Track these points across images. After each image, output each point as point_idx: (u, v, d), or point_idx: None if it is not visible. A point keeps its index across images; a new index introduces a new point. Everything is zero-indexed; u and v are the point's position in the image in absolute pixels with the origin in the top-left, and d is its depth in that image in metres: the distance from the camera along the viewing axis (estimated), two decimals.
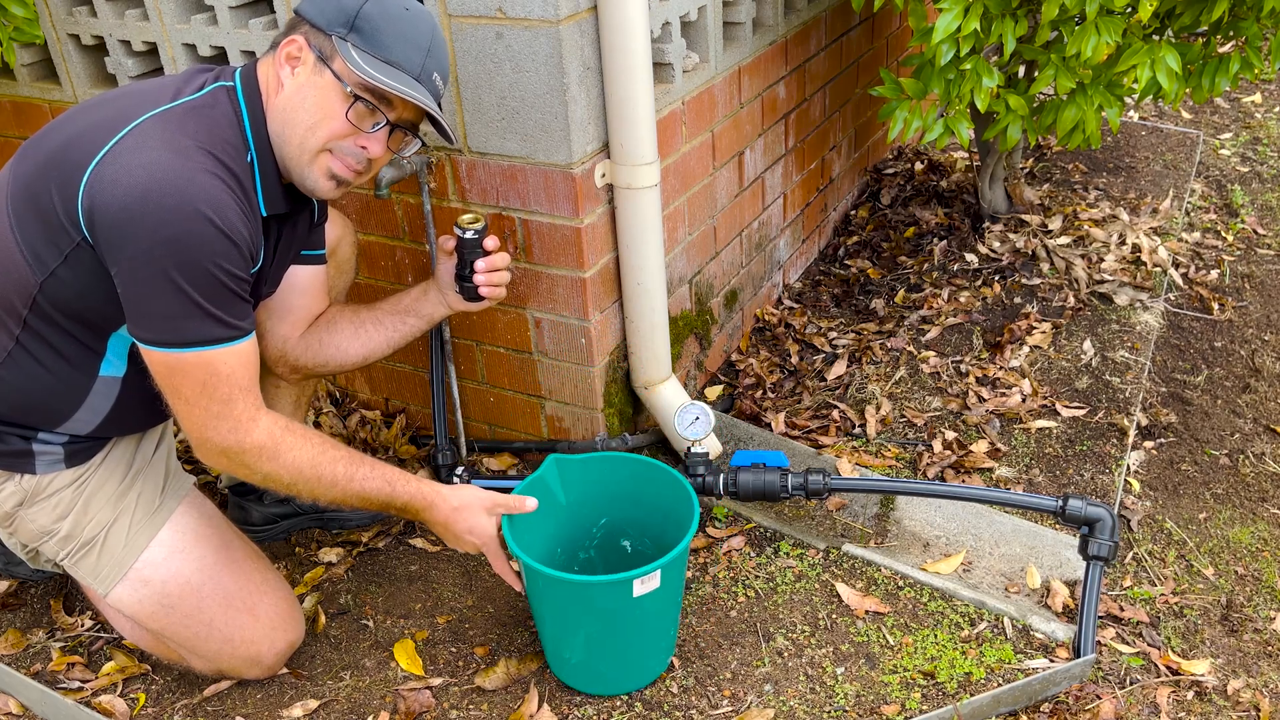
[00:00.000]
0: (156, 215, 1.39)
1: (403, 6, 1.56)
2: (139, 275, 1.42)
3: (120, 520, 1.72)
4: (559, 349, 2.20)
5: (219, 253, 1.44)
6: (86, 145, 1.44)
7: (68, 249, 1.46)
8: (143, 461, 1.78)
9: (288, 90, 1.55)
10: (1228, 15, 2.49)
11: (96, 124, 1.47)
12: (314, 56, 1.53)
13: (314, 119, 1.55)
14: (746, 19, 2.45)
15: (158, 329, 1.46)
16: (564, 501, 1.91)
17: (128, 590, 1.72)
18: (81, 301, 1.52)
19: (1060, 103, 2.56)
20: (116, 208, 1.39)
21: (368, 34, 1.52)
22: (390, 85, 1.51)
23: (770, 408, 2.59)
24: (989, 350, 2.70)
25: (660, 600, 1.72)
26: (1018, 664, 1.85)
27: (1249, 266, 3.22)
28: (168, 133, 1.45)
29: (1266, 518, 2.27)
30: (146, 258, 1.41)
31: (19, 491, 1.67)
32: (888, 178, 3.68)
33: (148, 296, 1.44)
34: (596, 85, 1.96)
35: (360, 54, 1.51)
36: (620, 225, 2.10)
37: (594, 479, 1.92)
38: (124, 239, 1.40)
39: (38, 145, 1.53)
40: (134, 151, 1.42)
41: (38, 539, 1.71)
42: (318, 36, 1.53)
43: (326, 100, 1.53)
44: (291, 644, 1.86)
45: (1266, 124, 4.27)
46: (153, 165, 1.40)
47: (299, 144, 1.56)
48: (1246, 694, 1.82)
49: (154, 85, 1.56)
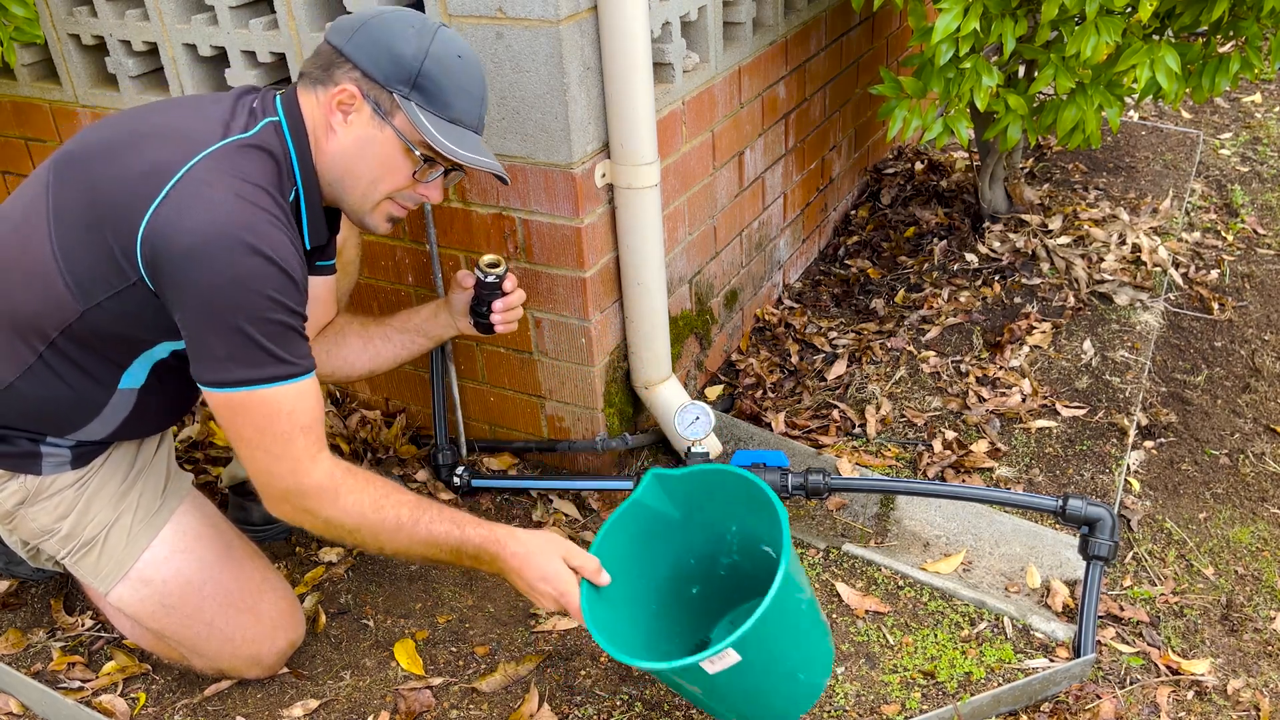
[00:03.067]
0: (221, 259, 1.40)
1: (455, 55, 1.57)
2: (203, 319, 1.43)
3: (121, 520, 1.72)
4: (559, 349, 2.20)
5: (281, 292, 1.45)
6: (142, 188, 1.43)
7: (121, 286, 1.47)
8: (144, 462, 1.78)
9: (344, 140, 1.56)
10: (1228, 15, 2.49)
11: (150, 166, 1.45)
12: (370, 109, 1.54)
13: (377, 174, 1.58)
14: (746, 19, 2.45)
15: (220, 370, 1.46)
16: (678, 516, 1.74)
17: (129, 590, 1.73)
18: (120, 329, 1.53)
19: (1060, 102, 2.56)
20: (180, 254, 1.40)
21: (430, 93, 1.54)
22: (463, 157, 1.54)
23: (770, 408, 2.59)
24: (989, 350, 2.70)
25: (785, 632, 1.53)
26: (1018, 664, 1.85)
27: (1249, 266, 3.22)
28: (223, 175, 1.45)
29: (1266, 518, 2.27)
30: (211, 302, 1.41)
31: (21, 490, 1.67)
32: (888, 178, 3.68)
33: (211, 339, 1.44)
34: (596, 85, 1.96)
35: (425, 115, 1.54)
36: (620, 225, 2.10)
37: (704, 491, 1.72)
38: (188, 284, 1.41)
39: (81, 170, 1.51)
40: (193, 197, 1.42)
41: (38, 537, 1.72)
42: (373, 88, 1.53)
43: (389, 156, 1.57)
44: (292, 643, 1.86)
45: (1266, 124, 4.27)
46: (214, 211, 1.41)
47: (362, 195, 1.60)
48: (1246, 694, 1.82)
49: (201, 116, 1.54)
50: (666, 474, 1.69)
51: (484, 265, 1.89)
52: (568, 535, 2.19)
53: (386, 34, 1.53)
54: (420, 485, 2.33)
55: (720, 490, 1.68)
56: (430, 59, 1.53)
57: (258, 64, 2.19)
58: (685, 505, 1.73)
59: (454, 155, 1.54)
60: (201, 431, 2.50)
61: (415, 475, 2.35)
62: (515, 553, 1.61)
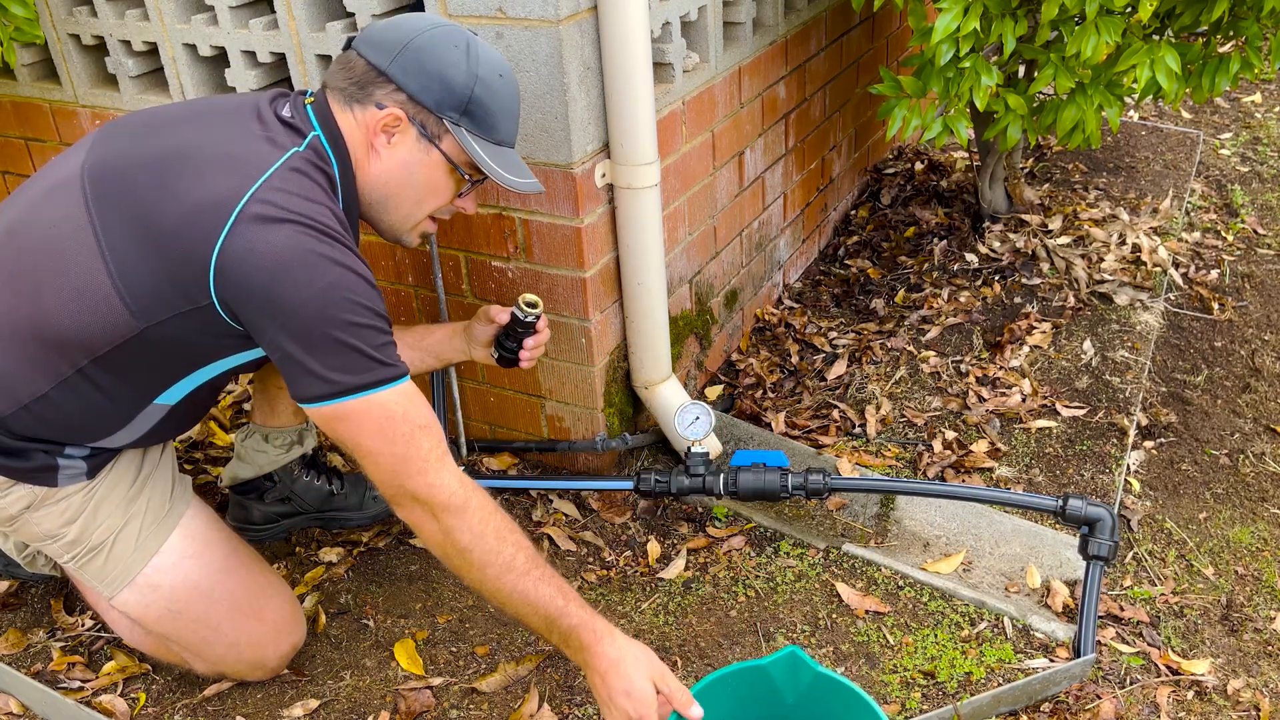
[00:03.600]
0: (302, 276, 1.39)
1: (498, 75, 1.57)
2: (298, 337, 1.41)
3: (130, 525, 1.71)
4: (559, 349, 2.20)
5: (367, 299, 1.45)
6: (206, 220, 1.40)
7: (188, 308, 1.44)
8: (151, 466, 1.78)
9: (388, 162, 1.57)
10: (1228, 15, 2.49)
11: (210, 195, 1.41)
12: (416, 131, 1.55)
13: (421, 194, 1.60)
14: (746, 19, 2.45)
15: (323, 384, 1.43)
16: (790, 701, 1.60)
17: (135, 595, 1.72)
18: (180, 346, 1.51)
19: (1060, 102, 2.56)
20: (262, 283, 1.39)
21: (479, 119, 1.55)
22: (514, 184, 1.57)
23: (770, 408, 2.59)
24: (989, 350, 2.70)
25: None
26: (1018, 664, 1.85)
27: (1249, 266, 3.22)
28: (288, 198, 1.43)
29: (1266, 518, 2.27)
30: (303, 319, 1.40)
31: (29, 495, 1.66)
32: (888, 178, 3.68)
33: (309, 356, 1.42)
34: (596, 85, 1.96)
35: (476, 140, 1.55)
36: (620, 225, 2.10)
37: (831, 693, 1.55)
38: (276, 309, 1.40)
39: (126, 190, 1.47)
40: (263, 226, 1.40)
41: (41, 541, 1.71)
42: (420, 112, 1.53)
43: (435, 178, 1.59)
44: (295, 646, 1.86)
45: (1266, 124, 4.27)
46: (285, 235, 1.40)
47: (405, 215, 1.62)
48: (1246, 694, 1.82)
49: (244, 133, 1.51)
50: (804, 657, 1.54)
51: (524, 304, 1.90)
52: (567, 535, 2.19)
53: (434, 59, 1.52)
54: None
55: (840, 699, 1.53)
56: (480, 84, 1.54)
57: (258, 64, 2.19)
58: (806, 695, 1.58)
59: (507, 183, 1.56)
60: (201, 431, 2.50)
61: None
62: (607, 654, 1.49)
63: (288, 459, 2.09)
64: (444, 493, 1.48)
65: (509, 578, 1.50)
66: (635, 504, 2.27)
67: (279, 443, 2.08)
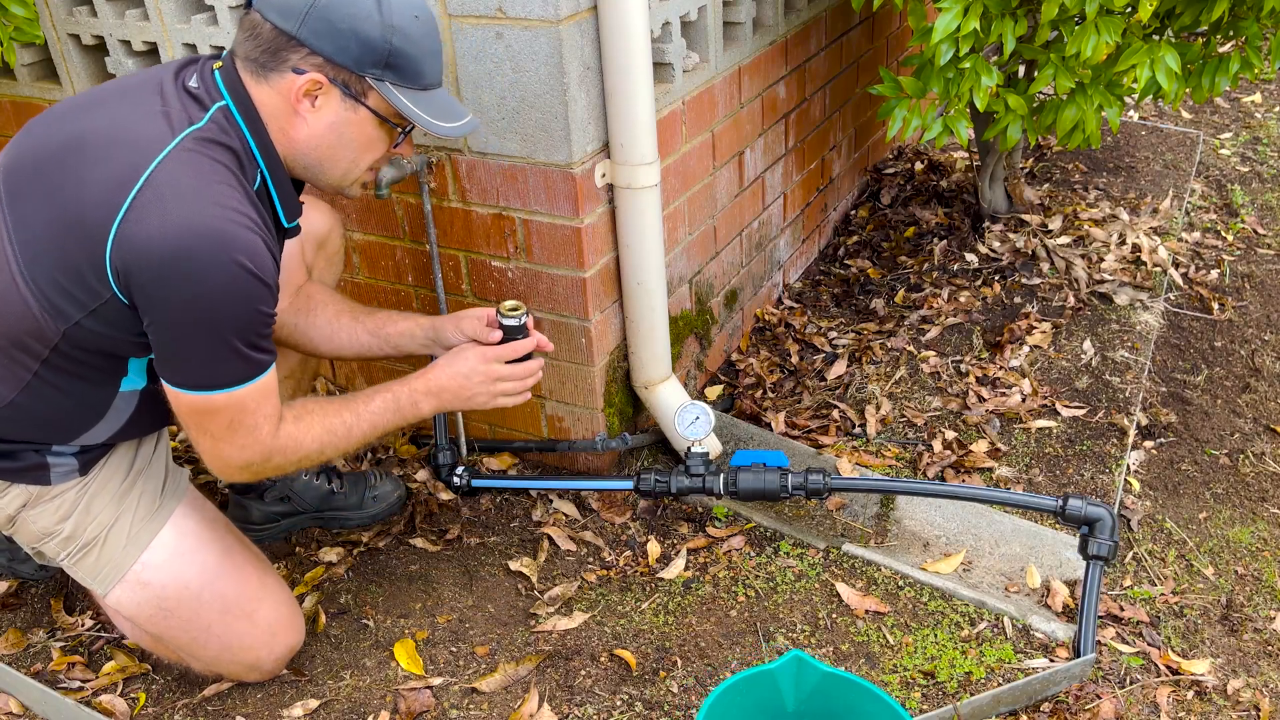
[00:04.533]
0: (195, 272, 1.39)
1: (413, 17, 1.52)
2: (176, 328, 1.43)
3: (122, 520, 1.72)
4: (559, 349, 2.20)
5: (256, 298, 1.45)
6: (103, 202, 1.40)
7: (95, 304, 1.45)
8: (143, 461, 1.78)
9: (315, 126, 1.53)
10: (1228, 15, 2.49)
11: (107, 178, 1.41)
12: (340, 92, 1.51)
13: (357, 152, 1.58)
14: (746, 19, 2.45)
15: (190, 375, 1.48)
16: (791, 709, 1.61)
17: (127, 592, 1.72)
18: (107, 342, 1.51)
19: (1060, 102, 2.56)
20: (153, 269, 1.38)
21: (403, 69, 1.51)
22: (445, 130, 1.54)
23: (770, 408, 2.59)
24: (989, 350, 2.70)
25: None
26: (1018, 663, 1.85)
27: (1249, 266, 3.22)
28: (186, 178, 1.41)
29: (1266, 517, 2.27)
30: (185, 313, 1.41)
31: (24, 494, 1.66)
32: (888, 177, 3.68)
33: (183, 347, 1.45)
34: (596, 85, 1.96)
35: (402, 91, 1.52)
36: (620, 225, 2.10)
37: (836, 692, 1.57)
38: (163, 297, 1.41)
39: (34, 183, 1.47)
40: (159, 206, 1.39)
41: (39, 540, 1.71)
42: (342, 73, 1.50)
43: (366, 134, 1.56)
44: (291, 649, 1.85)
45: (1266, 124, 4.27)
46: (183, 219, 1.38)
47: (343, 172, 1.61)
48: (1246, 694, 1.82)
49: (142, 112, 1.47)
50: (809, 660, 1.56)
51: (505, 310, 1.83)
52: (567, 535, 2.20)
53: (345, 16, 1.46)
54: (420, 485, 2.33)
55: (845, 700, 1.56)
56: (397, 34, 1.48)
57: None
58: (808, 699, 1.60)
59: (438, 130, 1.53)
60: None
61: (415, 475, 2.35)
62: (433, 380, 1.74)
63: None
64: (278, 451, 1.59)
65: (355, 437, 1.68)
66: (635, 504, 2.27)
67: None
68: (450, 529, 2.22)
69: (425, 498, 2.30)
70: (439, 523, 2.25)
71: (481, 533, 2.22)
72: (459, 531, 2.22)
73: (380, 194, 1.95)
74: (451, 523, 2.24)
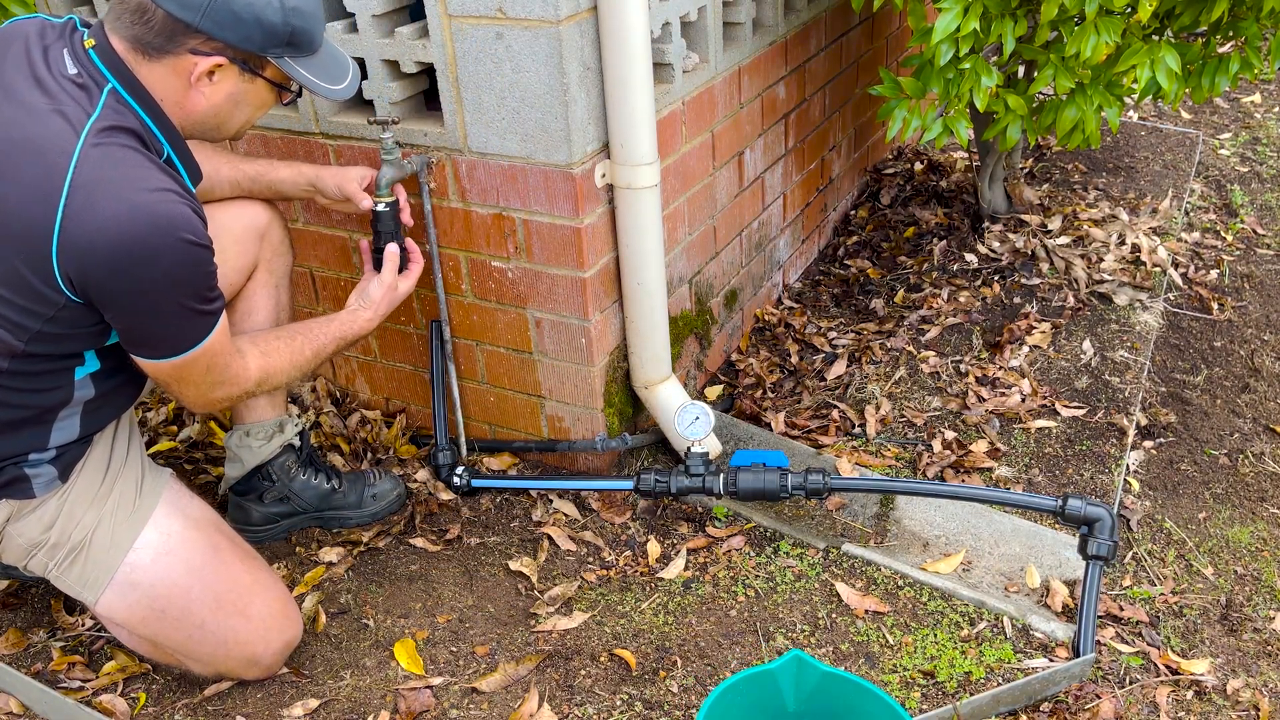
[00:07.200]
0: (146, 257, 1.44)
1: None
2: (140, 314, 1.51)
3: (104, 522, 1.71)
4: (559, 349, 2.20)
5: (203, 261, 1.52)
6: (33, 215, 1.41)
7: (52, 311, 1.49)
8: (119, 462, 1.77)
9: (215, 97, 1.59)
10: (1227, 15, 2.49)
11: (30, 188, 1.42)
12: (239, 69, 1.58)
13: (251, 113, 1.67)
14: (746, 19, 2.46)
15: (164, 346, 1.56)
16: (792, 709, 1.61)
17: (117, 596, 1.71)
18: (67, 340, 1.56)
19: (1060, 103, 2.56)
20: (105, 265, 1.43)
21: (301, 44, 1.61)
22: (337, 93, 1.66)
23: (770, 408, 2.59)
24: (989, 350, 2.71)
25: None
26: (1017, 663, 1.85)
27: (1249, 266, 3.22)
28: (108, 171, 1.44)
29: (1266, 517, 2.27)
30: (145, 298, 1.49)
31: (6, 508, 1.66)
32: (888, 178, 3.68)
33: (151, 326, 1.54)
34: (596, 85, 1.96)
35: (300, 63, 1.62)
36: (620, 225, 2.10)
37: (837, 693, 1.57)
38: (121, 289, 1.47)
39: None
40: (92, 206, 1.42)
41: (28, 554, 1.70)
42: (243, 54, 1.56)
43: (262, 97, 1.66)
44: (288, 643, 1.85)
45: (1266, 124, 4.27)
46: (120, 213, 1.42)
47: (238, 128, 1.69)
48: (1246, 693, 1.82)
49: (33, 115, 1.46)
50: (809, 660, 1.56)
51: (379, 195, 1.96)
52: (567, 535, 2.20)
53: (246, 5, 1.51)
54: (420, 485, 2.33)
55: (845, 700, 1.55)
56: (295, 15, 1.56)
57: None
58: (808, 699, 1.59)
59: (332, 95, 1.66)
60: (201, 431, 2.50)
61: (415, 475, 2.35)
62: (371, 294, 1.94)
63: (271, 449, 2.09)
64: (253, 381, 1.72)
65: (317, 361, 1.85)
66: (635, 504, 2.27)
67: (259, 435, 2.09)
68: (450, 529, 2.23)
69: (425, 498, 2.30)
70: (439, 523, 2.25)
71: (481, 533, 2.22)
72: (459, 531, 2.22)
73: (380, 194, 1.96)
74: (451, 523, 2.25)
